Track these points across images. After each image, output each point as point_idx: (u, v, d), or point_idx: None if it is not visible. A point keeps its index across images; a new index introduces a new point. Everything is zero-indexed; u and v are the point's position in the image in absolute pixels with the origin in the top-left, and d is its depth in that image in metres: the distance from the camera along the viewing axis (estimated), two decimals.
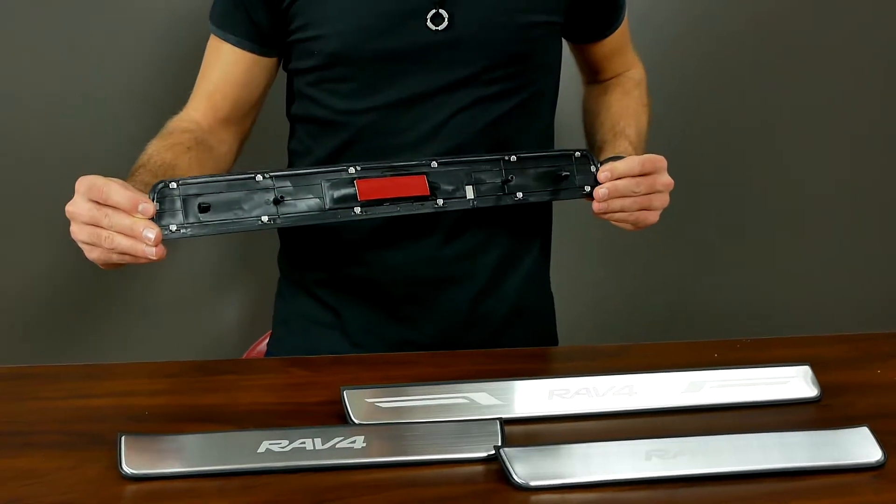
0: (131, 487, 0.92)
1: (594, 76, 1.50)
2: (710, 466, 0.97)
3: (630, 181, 1.22)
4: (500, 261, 1.36)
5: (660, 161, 1.24)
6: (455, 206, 1.21)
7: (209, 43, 1.35)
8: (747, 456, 0.98)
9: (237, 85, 1.34)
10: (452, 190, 1.20)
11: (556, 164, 1.25)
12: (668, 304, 2.00)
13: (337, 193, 1.16)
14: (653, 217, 1.27)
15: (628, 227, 1.28)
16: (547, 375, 1.14)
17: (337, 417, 1.05)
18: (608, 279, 1.99)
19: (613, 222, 1.27)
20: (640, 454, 0.98)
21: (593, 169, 1.25)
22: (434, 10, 1.25)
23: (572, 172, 1.25)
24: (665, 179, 1.25)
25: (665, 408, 1.10)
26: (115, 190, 1.04)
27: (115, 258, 1.07)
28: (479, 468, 0.97)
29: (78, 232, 1.06)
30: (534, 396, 1.10)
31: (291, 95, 1.37)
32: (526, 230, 1.39)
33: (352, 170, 1.17)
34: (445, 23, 1.25)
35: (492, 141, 1.30)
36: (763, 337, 1.34)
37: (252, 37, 1.31)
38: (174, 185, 1.10)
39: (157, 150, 1.24)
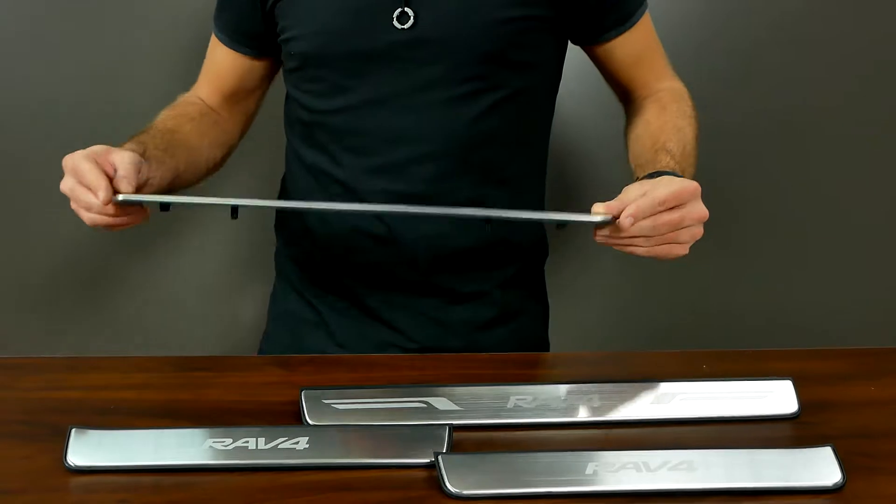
0: (74, 479, 0.94)
1: (625, 95, 1.41)
2: (651, 482, 0.94)
3: (647, 222, 1.08)
4: (486, 266, 1.35)
5: (687, 192, 1.08)
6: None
7: (212, 38, 1.41)
8: (694, 473, 0.95)
9: (232, 77, 1.41)
10: None
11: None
12: (674, 312, 1.95)
13: None
14: (679, 250, 1.12)
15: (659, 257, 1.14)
16: (517, 382, 1.12)
17: (296, 417, 1.06)
18: (608, 285, 1.95)
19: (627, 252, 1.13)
20: (583, 467, 0.95)
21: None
22: (400, 9, 1.24)
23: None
24: (697, 212, 1.09)
25: (628, 420, 1.08)
26: (86, 170, 1.12)
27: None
28: (422, 475, 0.96)
29: (71, 204, 1.17)
30: (494, 403, 1.08)
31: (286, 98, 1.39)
32: (516, 236, 1.37)
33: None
34: (411, 21, 1.24)
35: (469, 141, 1.28)
36: (769, 349, 1.30)
37: (240, 39, 1.36)
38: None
39: (163, 119, 1.33)
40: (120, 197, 1.13)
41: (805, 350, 1.29)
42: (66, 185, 1.14)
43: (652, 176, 1.18)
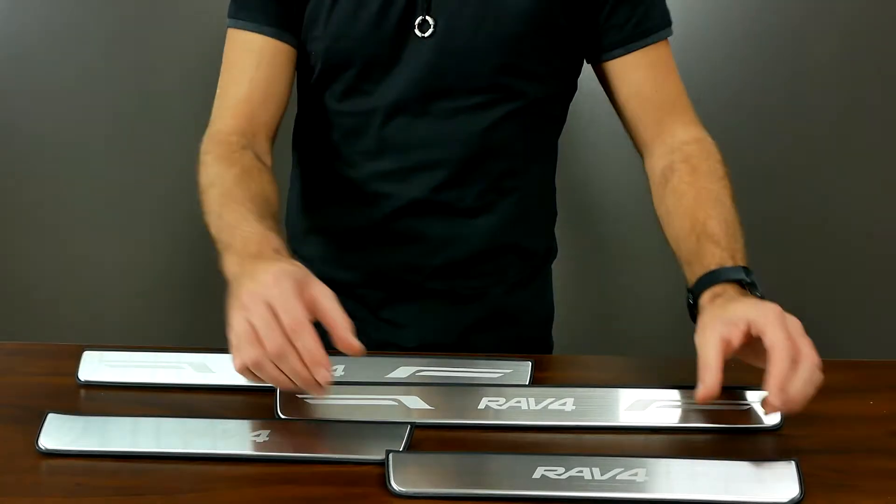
0: (42, 462, 0.98)
1: (645, 148, 1.31)
2: (597, 490, 0.93)
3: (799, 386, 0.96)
4: (493, 269, 1.35)
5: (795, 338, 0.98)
6: None
7: (231, 43, 1.31)
8: (645, 483, 0.93)
9: (269, 81, 1.29)
10: None
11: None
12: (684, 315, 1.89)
13: None
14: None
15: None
16: (492, 384, 1.12)
17: (271, 411, 1.08)
18: (617, 286, 1.91)
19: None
20: (531, 471, 0.95)
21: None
22: (421, 17, 1.25)
23: None
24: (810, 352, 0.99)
25: (599, 426, 1.06)
26: (308, 335, 0.95)
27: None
28: (374, 471, 0.96)
29: (252, 351, 0.94)
30: (465, 404, 1.08)
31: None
32: (528, 242, 1.37)
33: None
34: (431, 30, 1.25)
35: (478, 150, 1.29)
36: None
37: (274, 21, 1.27)
38: None
39: (242, 185, 1.17)
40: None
41: None
42: (267, 319, 0.93)
43: (709, 279, 1.09)
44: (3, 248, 2.03)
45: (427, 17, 1.24)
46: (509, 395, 1.09)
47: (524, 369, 1.16)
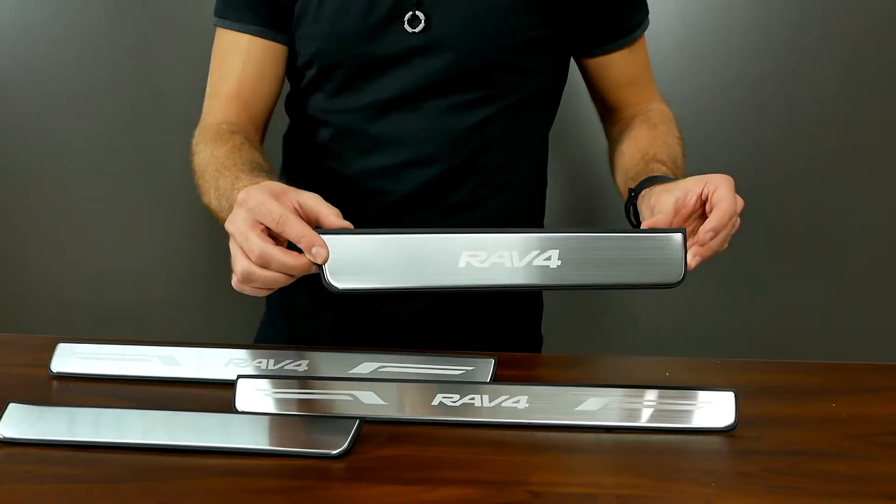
0: (0, 450, 1.01)
1: (610, 114, 1.41)
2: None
3: (725, 230, 1.05)
4: None
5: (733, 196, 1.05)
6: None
7: (219, 42, 1.34)
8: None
9: (257, 79, 1.32)
10: None
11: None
12: (676, 315, 1.88)
13: None
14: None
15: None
16: (450, 381, 1.13)
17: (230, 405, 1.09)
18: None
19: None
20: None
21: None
22: (411, 13, 1.25)
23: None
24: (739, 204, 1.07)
25: (550, 423, 1.06)
26: (292, 224, 0.98)
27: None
28: (320, 465, 0.97)
29: (232, 247, 1.00)
30: (419, 400, 1.09)
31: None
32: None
33: None
34: (422, 25, 1.25)
35: (470, 147, 1.30)
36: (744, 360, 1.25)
37: (260, 20, 1.30)
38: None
39: (236, 154, 1.20)
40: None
41: (776, 362, 1.23)
42: (255, 244, 0.97)
43: (657, 180, 1.16)
44: (6, 248, 2.08)
45: (417, 13, 1.25)
46: (464, 391, 1.09)
47: (486, 367, 1.17)
